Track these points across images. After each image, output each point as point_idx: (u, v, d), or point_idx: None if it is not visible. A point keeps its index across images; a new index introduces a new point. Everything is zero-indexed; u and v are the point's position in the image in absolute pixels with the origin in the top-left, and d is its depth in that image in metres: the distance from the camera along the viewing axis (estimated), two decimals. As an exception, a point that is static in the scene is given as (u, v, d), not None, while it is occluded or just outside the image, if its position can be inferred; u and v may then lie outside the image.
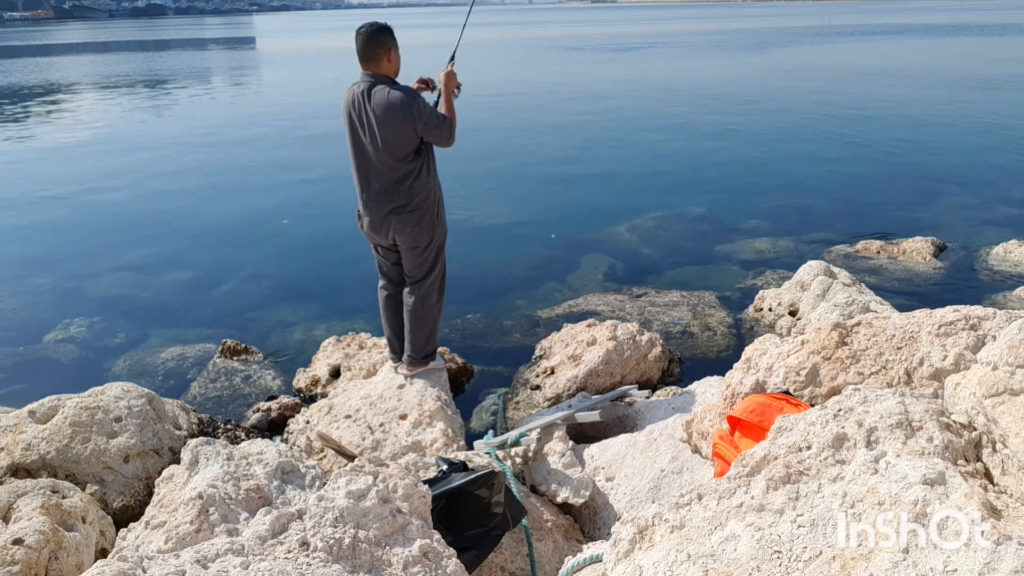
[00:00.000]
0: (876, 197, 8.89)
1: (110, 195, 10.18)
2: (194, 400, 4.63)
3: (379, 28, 3.56)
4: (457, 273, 5.37)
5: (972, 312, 2.75)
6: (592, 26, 70.29)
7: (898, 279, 6.14)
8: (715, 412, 3.08)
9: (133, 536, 2.76)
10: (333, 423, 3.96)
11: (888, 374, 2.71)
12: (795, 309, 5.20)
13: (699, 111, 16.14)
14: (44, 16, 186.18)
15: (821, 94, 18.14)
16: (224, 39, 64.03)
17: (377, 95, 3.53)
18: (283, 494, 2.94)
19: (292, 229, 8.35)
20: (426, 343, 4.08)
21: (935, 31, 44.21)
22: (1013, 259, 6.41)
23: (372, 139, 3.60)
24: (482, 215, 8.57)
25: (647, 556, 1.97)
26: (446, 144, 3.69)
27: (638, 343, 4.44)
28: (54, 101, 21.82)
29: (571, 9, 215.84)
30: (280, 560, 2.08)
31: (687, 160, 11.42)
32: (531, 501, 3.18)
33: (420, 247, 3.87)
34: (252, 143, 13.91)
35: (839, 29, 50.20)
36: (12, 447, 3.30)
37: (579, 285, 6.38)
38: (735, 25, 62.45)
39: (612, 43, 42.56)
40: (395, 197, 3.69)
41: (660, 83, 21.89)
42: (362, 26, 3.58)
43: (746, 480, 2.08)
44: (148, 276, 7.01)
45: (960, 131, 12.91)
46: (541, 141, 13.24)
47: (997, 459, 2.10)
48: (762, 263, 6.75)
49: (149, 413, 3.63)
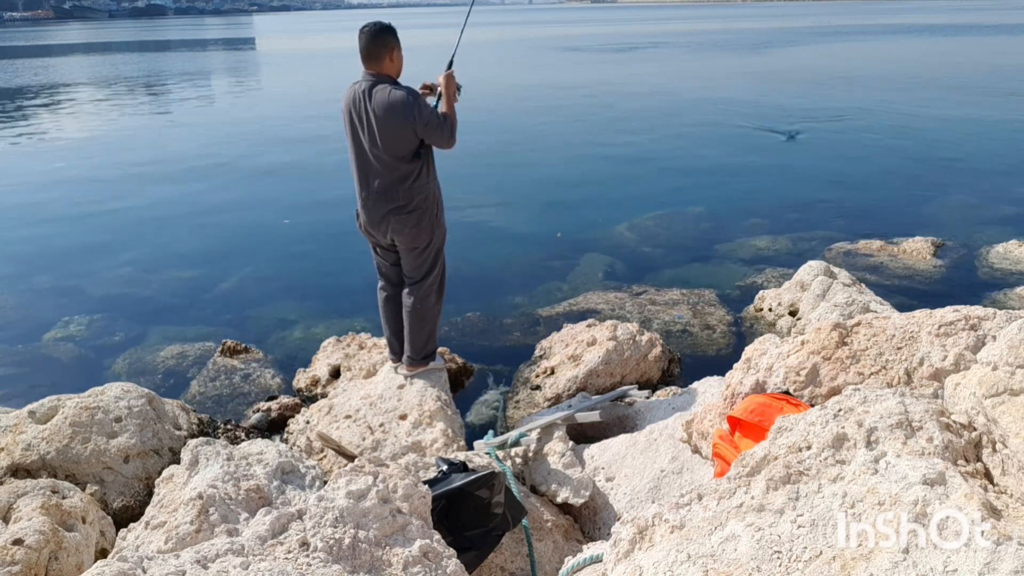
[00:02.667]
0: (876, 196, 8.90)
1: (110, 194, 10.18)
2: (194, 400, 4.63)
3: (383, 28, 3.57)
4: (457, 273, 5.37)
5: (972, 312, 2.75)
6: (593, 26, 70.27)
7: (898, 279, 6.14)
8: (715, 412, 3.08)
9: (133, 536, 2.76)
10: (333, 423, 3.96)
11: (888, 374, 2.71)
12: (795, 309, 5.20)
13: (699, 111, 16.13)
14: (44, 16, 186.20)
15: (821, 94, 18.14)
16: (224, 39, 64.02)
17: (378, 94, 3.53)
18: (283, 494, 2.94)
19: (292, 228, 8.35)
20: (425, 344, 4.08)
21: (935, 31, 44.20)
22: (1013, 258, 6.41)
23: (372, 139, 3.59)
24: (482, 214, 8.57)
25: (647, 556, 1.97)
26: (446, 146, 3.68)
27: (638, 343, 4.44)
28: (54, 101, 21.82)
29: (571, 9, 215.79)
30: (280, 560, 2.08)
31: (687, 159, 11.42)
32: (531, 501, 3.18)
33: (419, 248, 3.86)
34: (253, 143, 13.91)
35: (839, 29, 50.20)
36: (12, 447, 3.30)
37: (579, 284, 6.38)
38: (735, 25, 62.44)
39: (613, 43, 42.56)
40: (394, 197, 3.69)
41: (660, 83, 21.88)
42: (365, 25, 3.58)
43: (746, 480, 2.08)
44: (148, 275, 7.01)
45: (960, 130, 12.91)
46: (541, 141, 13.24)
47: (997, 459, 2.10)
48: (762, 261, 6.75)
49: (149, 413, 3.63)
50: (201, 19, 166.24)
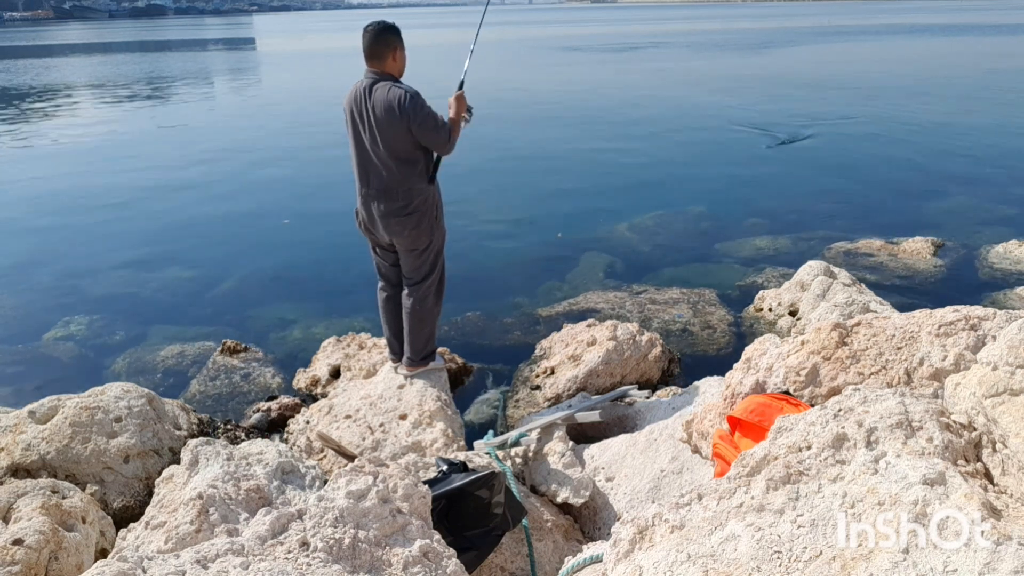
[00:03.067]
0: (876, 196, 8.89)
1: (110, 193, 10.18)
2: (194, 400, 4.63)
3: (387, 27, 3.61)
4: (457, 272, 5.37)
5: (972, 312, 2.75)
6: (593, 26, 70.26)
7: (898, 278, 6.14)
8: (715, 412, 3.08)
9: (133, 536, 2.76)
10: (333, 423, 3.96)
11: (888, 374, 2.71)
12: (795, 309, 5.20)
13: (699, 111, 16.13)
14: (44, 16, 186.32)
15: (820, 94, 18.13)
16: (224, 39, 64.01)
17: (378, 92, 3.55)
18: (283, 494, 2.94)
19: (292, 228, 8.35)
20: (425, 344, 4.09)
21: (935, 32, 44.20)
22: (1013, 258, 6.40)
23: (372, 137, 3.60)
24: (482, 214, 8.57)
25: (647, 556, 1.97)
26: (442, 151, 3.70)
27: (638, 343, 4.44)
28: (55, 101, 21.82)
29: (571, 9, 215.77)
30: (280, 560, 2.08)
31: (687, 159, 11.42)
32: (531, 501, 3.18)
33: (418, 250, 3.87)
34: (254, 142, 13.90)
35: (839, 29, 50.19)
36: (12, 447, 3.30)
37: (579, 283, 6.38)
38: (735, 25, 62.44)
39: (612, 43, 42.55)
40: (394, 197, 3.69)
41: (660, 83, 21.88)
42: (370, 24, 3.61)
43: (746, 480, 2.08)
44: (148, 275, 7.01)
45: (960, 130, 12.90)
46: (541, 140, 13.24)
47: (997, 459, 2.10)
48: (762, 261, 6.75)
49: (149, 413, 3.63)
50: (201, 19, 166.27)
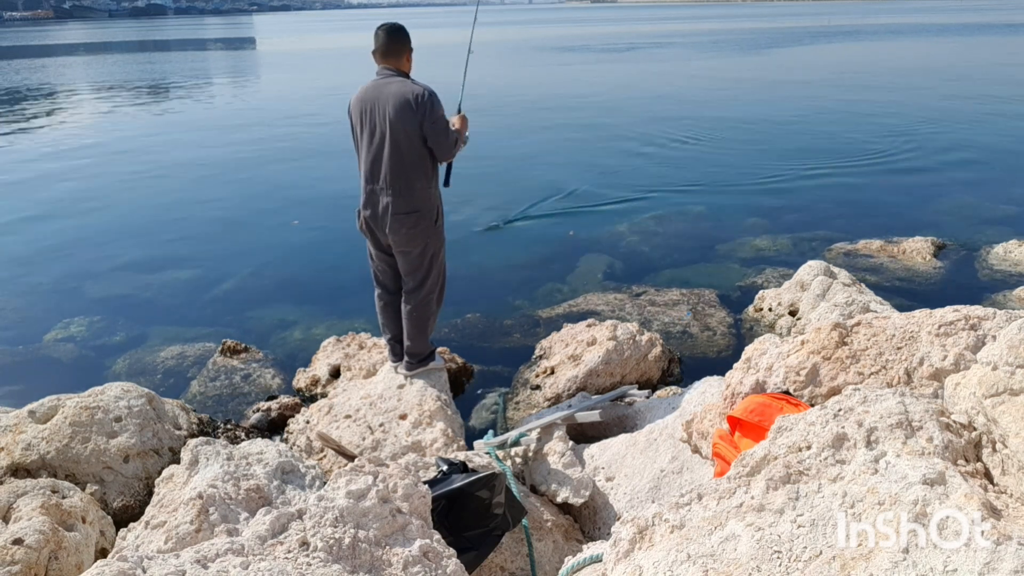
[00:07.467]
0: (876, 196, 8.89)
1: (110, 193, 10.18)
2: (194, 400, 4.63)
3: (401, 27, 3.71)
4: (457, 272, 5.37)
5: (972, 312, 2.75)
6: (593, 26, 70.26)
7: (898, 279, 6.14)
8: (715, 412, 3.08)
9: (133, 536, 2.76)
10: (333, 423, 3.96)
11: (888, 374, 2.71)
12: (795, 309, 5.20)
13: (697, 111, 16.13)
14: (44, 16, 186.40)
15: (820, 94, 18.13)
16: (224, 39, 63.98)
17: (394, 86, 3.60)
18: (283, 494, 2.94)
19: (293, 229, 8.35)
20: (425, 346, 4.11)
21: (936, 32, 44.19)
22: (1013, 259, 6.40)
23: (382, 131, 3.62)
24: (481, 214, 8.57)
25: (647, 556, 1.97)
26: (441, 155, 3.76)
27: (638, 343, 4.44)
28: (55, 101, 21.82)
29: (571, 9, 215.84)
30: (280, 560, 2.08)
31: (686, 158, 11.42)
32: (531, 501, 3.18)
33: (412, 253, 3.87)
34: (255, 142, 13.90)
35: (839, 29, 50.18)
36: (12, 447, 3.30)
37: (579, 284, 6.38)
38: (735, 26, 62.43)
39: (613, 43, 42.54)
40: (398, 193, 3.70)
41: (660, 83, 21.87)
42: (382, 24, 3.69)
43: (746, 480, 2.08)
44: (148, 275, 7.01)
45: (960, 130, 12.90)
46: (541, 140, 13.23)
47: (997, 459, 2.10)
48: (762, 261, 6.75)
49: (149, 413, 3.63)
50: (201, 19, 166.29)
